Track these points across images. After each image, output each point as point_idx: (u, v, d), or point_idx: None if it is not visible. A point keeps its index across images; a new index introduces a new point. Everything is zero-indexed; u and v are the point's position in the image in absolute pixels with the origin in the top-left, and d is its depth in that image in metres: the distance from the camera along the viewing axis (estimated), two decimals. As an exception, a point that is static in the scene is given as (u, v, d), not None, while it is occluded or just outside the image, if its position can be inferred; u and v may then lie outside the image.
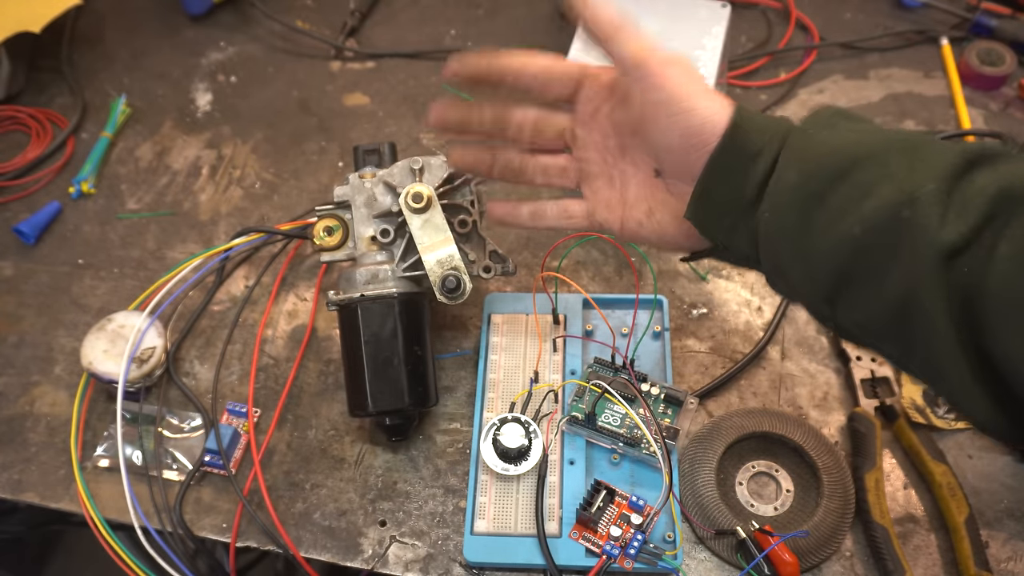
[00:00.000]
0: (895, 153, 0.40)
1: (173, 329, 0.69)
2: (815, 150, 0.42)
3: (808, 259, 0.42)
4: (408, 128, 0.82)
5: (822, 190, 0.41)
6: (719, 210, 0.45)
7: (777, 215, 0.42)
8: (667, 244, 0.51)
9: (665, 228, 0.50)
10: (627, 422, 0.58)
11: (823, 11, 0.89)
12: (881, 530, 0.55)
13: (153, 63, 0.90)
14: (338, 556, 0.57)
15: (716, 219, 0.45)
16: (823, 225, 0.41)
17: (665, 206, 0.49)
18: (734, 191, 0.44)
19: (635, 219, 0.51)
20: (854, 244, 0.40)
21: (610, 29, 0.46)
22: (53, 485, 0.62)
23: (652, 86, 0.45)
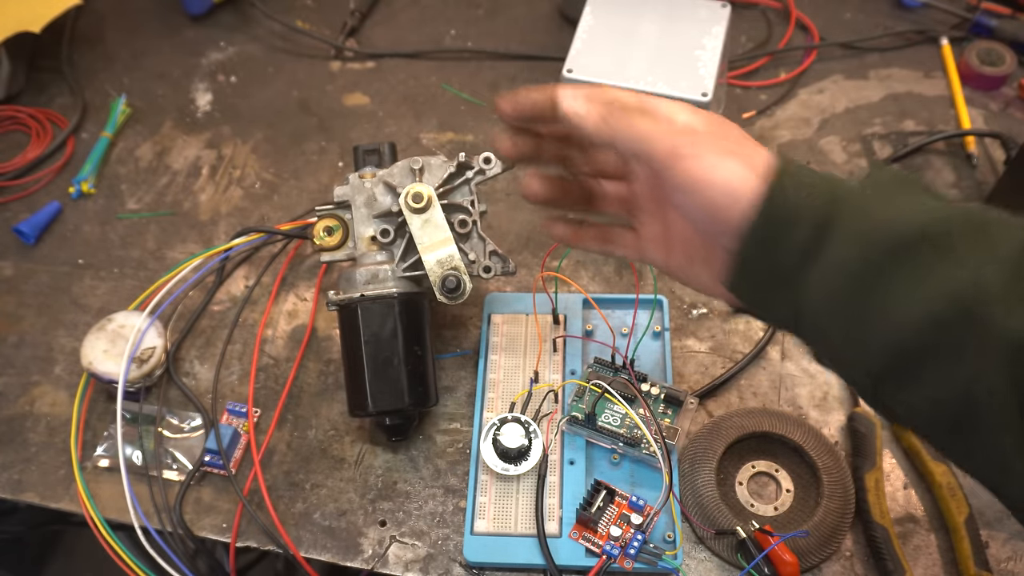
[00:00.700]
0: (959, 232, 0.36)
1: (173, 329, 0.69)
2: (870, 224, 0.38)
3: (856, 342, 0.38)
4: (408, 128, 0.82)
5: (877, 270, 0.37)
6: (756, 279, 0.42)
7: (825, 293, 0.39)
8: (708, 294, 0.49)
9: (703, 281, 0.47)
10: (627, 422, 0.58)
11: (823, 11, 0.89)
12: (881, 530, 0.55)
13: (153, 63, 0.90)
14: (338, 556, 0.57)
15: (753, 288, 0.42)
16: (877, 308, 0.37)
17: (705, 262, 0.47)
18: (773, 262, 0.40)
19: (676, 262, 0.49)
20: (912, 331, 0.36)
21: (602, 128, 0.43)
22: (53, 485, 0.62)
23: (662, 171, 0.42)
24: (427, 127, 0.82)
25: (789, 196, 0.39)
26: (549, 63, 0.85)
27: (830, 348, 0.41)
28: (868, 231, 0.37)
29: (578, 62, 0.68)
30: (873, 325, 0.37)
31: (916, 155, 0.77)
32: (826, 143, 0.78)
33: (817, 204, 0.39)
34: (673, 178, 0.41)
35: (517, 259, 0.71)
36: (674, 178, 0.41)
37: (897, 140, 0.78)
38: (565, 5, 0.90)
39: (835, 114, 0.81)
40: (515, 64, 0.87)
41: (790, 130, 0.80)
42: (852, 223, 0.38)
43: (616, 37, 0.70)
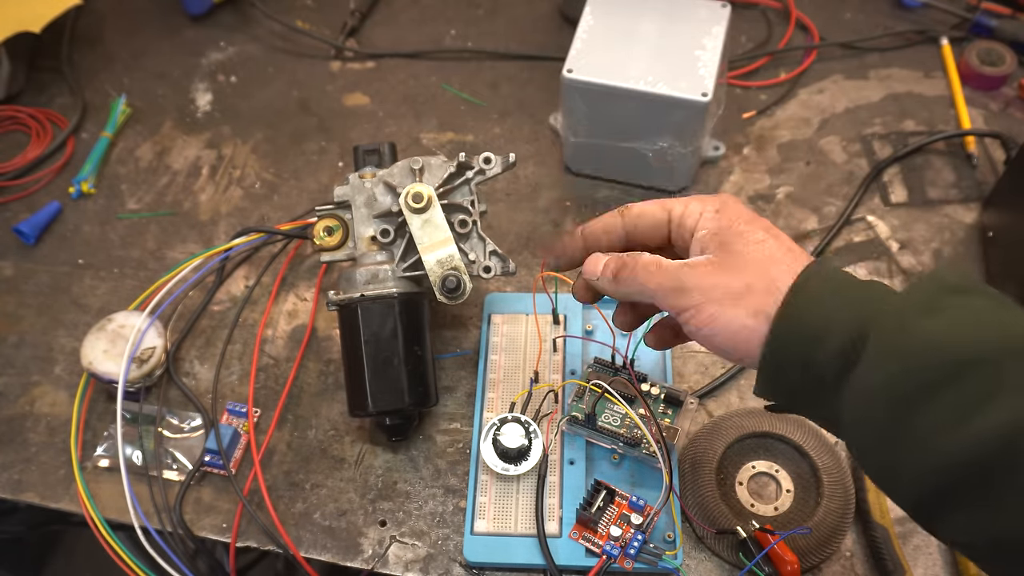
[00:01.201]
0: (1011, 357, 0.33)
1: (173, 329, 0.69)
2: (911, 344, 0.35)
3: (901, 471, 0.36)
4: (408, 128, 0.82)
5: (919, 396, 0.34)
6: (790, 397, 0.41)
7: (861, 410, 0.37)
8: None
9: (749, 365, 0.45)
10: (627, 422, 0.58)
11: (823, 11, 0.89)
12: (881, 530, 0.55)
13: (153, 63, 0.90)
14: (338, 556, 0.57)
15: (790, 402, 0.42)
16: (920, 436, 0.35)
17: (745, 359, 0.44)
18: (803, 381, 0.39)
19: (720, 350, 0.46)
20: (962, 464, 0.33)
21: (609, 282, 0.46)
22: (53, 485, 0.62)
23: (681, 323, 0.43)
24: (427, 127, 0.82)
25: (813, 310, 0.39)
26: (549, 63, 0.85)
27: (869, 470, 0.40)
28: (909, 352, 0.35)
29: (578, 62, 0.68)
30: (913, 453, 0.35)
31: (916, 155, 0.77)
32: (826, 143, 0.78)
33: (848, 315, 0.38)
34: (683, 327, 0.43)
35: (517, 259, 0.71)
36: (684, 327, 0.43)
37: (897, 140, 0.78)
38: (565, 5, 0.90)
39: (835, 114, 0.81)
40: (515, 64, 0.87)
41: (790, 130, 0.80)
42: (890, 342, 0.36)
43: (616, 37, 0.70)
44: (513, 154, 0.60)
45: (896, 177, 0.76)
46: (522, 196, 0.76)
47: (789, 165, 0.77)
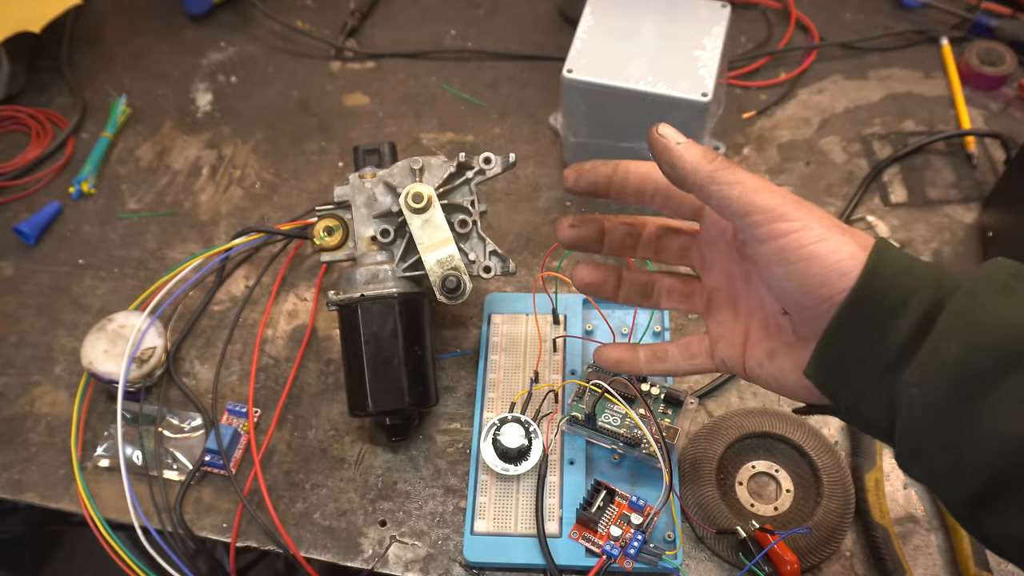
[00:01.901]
0: None
1: (173, 329, 0.69)
2: (986, 321, 0.34)
3: (960, 452, 0.34)
4: (408, 128, 0.82)
5: (992, 374, 0.33)
6: (848, 372, 0.38)
7: (927, 394, 0.35)
8: (786, 391, 0.43)
9: (785, 375, 0.42)
10: (627, 422, 0.58)
11: (823, 11, 0.89)
12: (881, 530, 0.55)
13: (153, 63, 0.90)
14: (338, 556, 0.57)
15: (843, 381, 0.38)
16: (988, 415, 0.33)
17: (789, 350, 0.41)
18: (869, 351, 0.36)
19: (755, 358, 0.43)
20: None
21: (704, 175, 0.39)
22: (53, 485, 0.62)
23: (763, 235, 0.38)
24: (427, 127, 0.82)
25: (892, 279, 0.36)
26: (549, 63, 0.85)
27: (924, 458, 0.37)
28: (983, 329, 0.34)
29: (578, 62, 0.68)
30: (979, 433, 0.33)
31: (916, 155, 0.77)
32: (826, 143, 0.78)
33: (925, 290, 0.35)
34: (773, 247, 0.38)
35: (517, 259, 0.71)
36: (774, 247, 0.38)
37: (897, 140, 0.78)
38: (565, 5, 0.90)
39: (835, 114, 0.81)
40: (515, 64, 0.87)
41: (790, 130, 0.80)
42: (964, 319, 0.34)
43: (616, 37, 0.70)
44: (513, 154, 0.60)
45: (896, 177, 0.76)
46: (522, 196, 0.76)
47: (789, 165, 0.77)
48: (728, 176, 0.38)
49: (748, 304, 0.45)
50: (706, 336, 0.47)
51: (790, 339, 0.42)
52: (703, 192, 0.39)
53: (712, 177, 0.39)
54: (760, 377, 0.44)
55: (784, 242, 0.37)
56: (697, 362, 0.47)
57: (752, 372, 0.44)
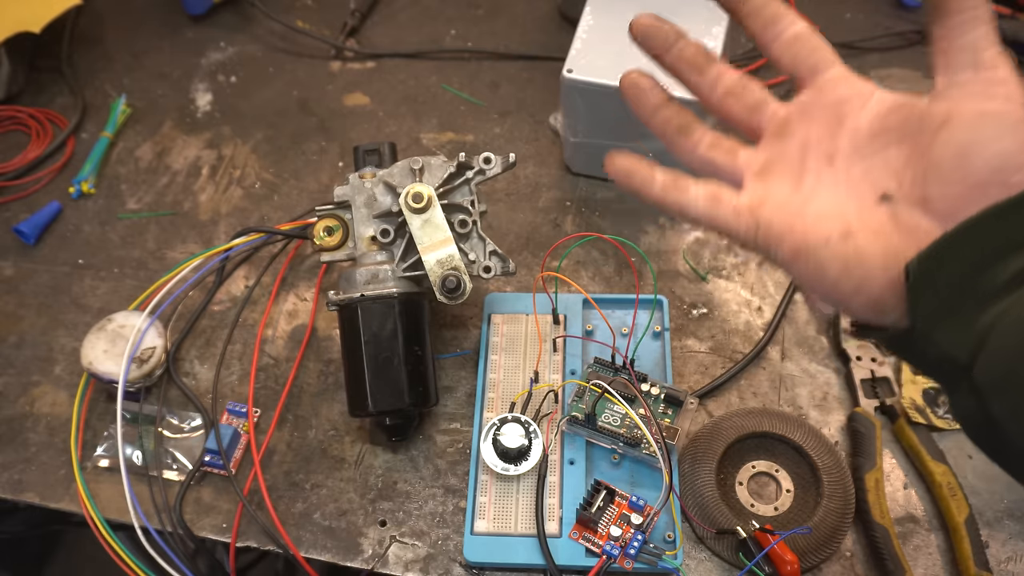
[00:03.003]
0: None
1: (173, 329, 0.69)
2: None
3: None
4: (408, 128, 0.82)
5: None
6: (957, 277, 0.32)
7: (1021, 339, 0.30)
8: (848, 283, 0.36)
9: (862, 261, 0.35)
10: (627, 422, 0.58)
11: (823, 11, 0.89)
12: (881, 530, 0.55)
13: (153, 63, 0.90)
14: (338, 556, 0.57)
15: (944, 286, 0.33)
16: None
17: (878, 235, 0.36)
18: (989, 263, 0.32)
19: (820, 233, 0.37)
20: None
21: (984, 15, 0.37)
22: (53, 485, 0.62)
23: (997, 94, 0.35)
24: (427, 127, 0.82)
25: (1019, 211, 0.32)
26: (549, 63, 0.85)
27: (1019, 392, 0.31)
28: None
29: (578, 62, 0.68)
30: None
31: (916, 155, 0.77)
32: (826, 143, 0.78)
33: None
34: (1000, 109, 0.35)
35: (517, 259, 0.71)
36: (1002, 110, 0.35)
37: (897, 140, 0.78)
38: (565, 5, 0.90)
39: (835, 114, 0.80)
40: (515, 64, 0.87)
41: (790, 130, 0.79)
42: None
43: (616, 37, 0.70)
44: (513, 154, 0.60)
45: (896, 177, 0.75)
46: (522, 196, 0.76)
47: (789, 165, 0.77)
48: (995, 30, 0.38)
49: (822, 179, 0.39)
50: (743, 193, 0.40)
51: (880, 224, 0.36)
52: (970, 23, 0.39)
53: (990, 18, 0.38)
54: (816, 256, 0.37)
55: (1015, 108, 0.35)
56: (721, 212, 0.40)
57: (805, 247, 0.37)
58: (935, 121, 0.36)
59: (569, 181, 0.77)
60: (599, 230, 0.72)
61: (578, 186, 0.76)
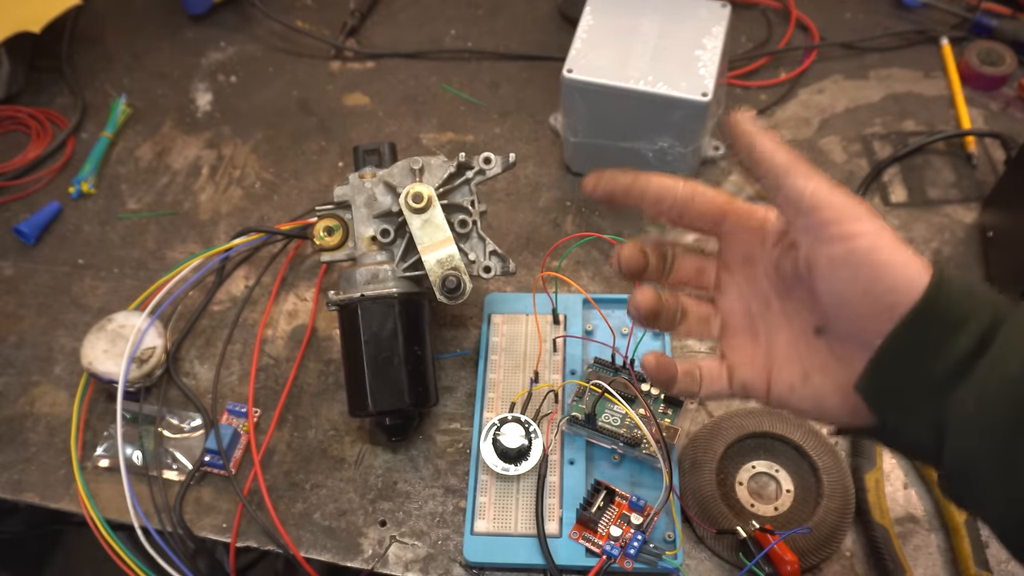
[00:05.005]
0: None
1: (173, 329, 0.69)
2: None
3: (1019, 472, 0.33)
4: (408, 128, 0.82)
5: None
6: (900, 388, 0.36)
7: (984, 410, 0.34)
8: (825, 415, 0.41)
9: (824, 397, 0.40)
10: (627, 422, 0.58)
11: (823, 11, 0.89)
12: (881, 530, 0.55)
13: (153, 63, 0.90)
14: (338, 556, 0.57)
15: (895, 397, 0.37)
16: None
17: (826, 371, 0.40)
18: (923, 367, 0.35)
19: (785, 382, 0.42)
20: None
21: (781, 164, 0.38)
22: (53, 485, 0.62)
23: (833, 235, 0.36)
24: (427, 127, 0.82)
25: (954, 297, 0.35)
26: (549, 63, 0.85)
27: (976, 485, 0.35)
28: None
29: (578, 62, 0.68)
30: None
31: (916, 155, 0.77)
32: (826, 143, 0.78)
33: (985, 311, 0.35)
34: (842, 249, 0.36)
35: (517, 259, 0.71)
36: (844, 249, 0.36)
37: (897, 140, 0.78)
38: (565, 5, 0.90)
39: (835, 114, 0.81)
40: (515, 64, 0.87)
41: (790, 130, 0.80)
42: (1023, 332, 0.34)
43: (616, 37, 0.70)
44: (513, 154, 0.60)
45: (896, 177, 0.76)
46: (522, 196, 0.76)
47: (789, 165, 0.77)
48: (805, 169, 0.38)
49: (769, 326, 0.43)
50: (723, 361, 0.45)
51: (825, 360, 0.40)
52: (776, 181, 0.38)
53: (789, 167, 0.38)
54: (790, 402, 0.42)
55: (855, 245, 0.36)
56: (718, 387, 0.45)
57: (780, 397, 0.42)
58: (804, 269, 0.39)
59: (569, 181, 0.77)
60: (599, 230, 0.72)
61: (578, 186, 0.76)
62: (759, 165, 0.39)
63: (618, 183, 0.44)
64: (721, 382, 0.44)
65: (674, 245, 0.47)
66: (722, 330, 0.45)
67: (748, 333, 0.44)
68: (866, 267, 0.36)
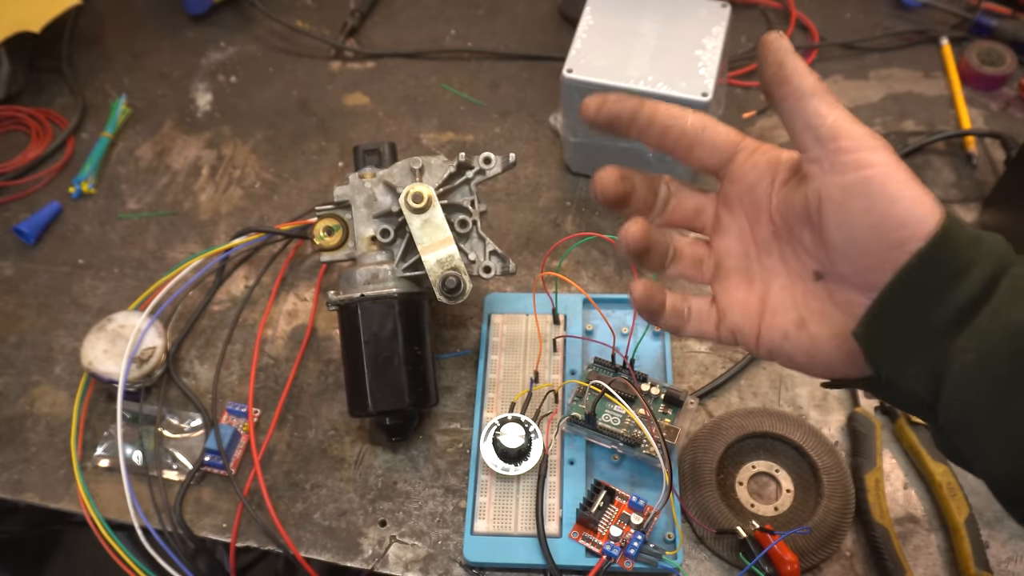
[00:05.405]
0: None
1: (173, 329, 0.69)
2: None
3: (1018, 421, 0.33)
4: (408, 128, 0.82)
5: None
6: (899, 334, 0.35)
7: (985, 359, 0.33)
8: (817, 365, 0.40)
9: (819, 345, 0.39)
10: (627, 422, 0.58)
11: (823, 11, 0.89)
12: (881, 530, 0.55)
13: (153, 63, 0.90)
14: (338, 556, 0.57)
15: (892, 344, 0.36)
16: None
17: (824, 318, 0.39)
18: (925, 313, 0.34)
19: (779, 329, 0.40)
20: None
21: (808, 87, 0.37)
22: (53, 485, 0.62)
23: (849, 164, 0.35)
24: (427, 127, 0.82)
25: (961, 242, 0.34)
26: (549, 63, 0.85)
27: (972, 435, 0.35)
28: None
29: (578, 62, 0.68)
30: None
31: (916, 155, 0.77)
32: (826, 143, 0.78)
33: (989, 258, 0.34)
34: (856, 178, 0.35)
35: (517, 259, 0.71)
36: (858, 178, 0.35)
37: (897, 140, 0.78)
38: (565, 5, 0.90)
39: (835, 114, 0.80)
40: (515, 64, 0.87)
41: (790, 130, 0.79)
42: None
43: (616, 37, 0.70)
44: (513, 154, 0.60)
45: (896, 177, 0.75)
46: (522, 196, 0.76)
47: (789, 165, 0.77)
48: (829, 96, 0.36)
49: (765, 270, 0.42)
50: (713, 304, 0.43)
51: (822, 306, 0.39)
52: (799, 103, 0.37)
53: (816, 90, 0.36)
54: (783, 350, 0.40)
55: (871, 174, 0.35)
56: (704, 327, 0.43)
57: (772, 345, 0.41)
58: (814, 204, 0.38)
59: (569, 181, 0.77)
60: (599, 230, 0.72)
61: (578, 186, 0.76)
62: (785, 84, 0.37)
63: (624, 106, 0.41)
64: (709, 323, 0.43)
65: (670, 181, 0.45)
66: (715, 272, 0.44)
67: (743, 276, 0.43)
68: (880, 197, 0.35)
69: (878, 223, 0.35)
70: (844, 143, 0.36)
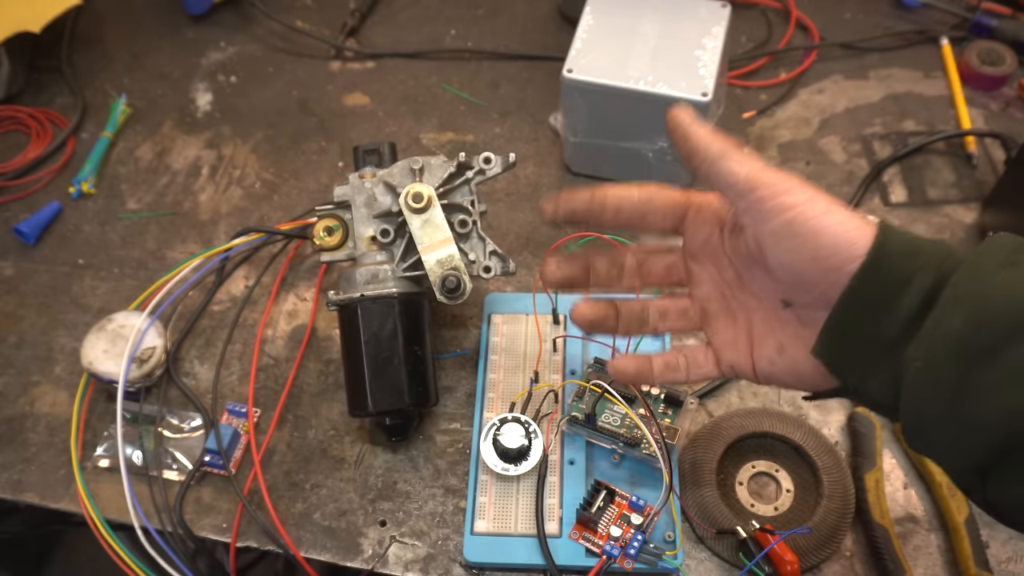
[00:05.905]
0: None
1: (173, 329, 0.69)
2: (990, 294, 0.34)
3: (964, 423, 0.35)
4: (408, 128, 0.82)
5: (995, 345, 0.33)
6: (854, 348, 0.38)
7: (931, 366, 0.35)
8: (803, 383, 0.43)
9: (799, 365, 0.42)
10: (627, 422, 0.58)
11: (823, 11, 0.89)
12: (881, 530, 0.55)
13: (153, 63, 0.90)
14: (338, 556, 0.57)
15: (849, 358, 0.39)
16: (990, 387, 0.34)
17: (798, 340, 0.42)
18: (874, 326, 0.37)
19: (766, 357, 0.44)
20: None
21: (716, 151, 0.40)
22: (53, 485, 0.62)
23: (770, 210, 0.39)
24: (427, 127, 0.82)
25: (897, 256, 0.36)
26: (549, 63, 0.85)
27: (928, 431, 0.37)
28: (987, 303, 0.34)
29: (578, 62, 0.68)
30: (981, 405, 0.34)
31: (916, 155, 0.77)
32: (826, 143, 0.78)
33: (929, 267, 0.36)
34: (780, 221, 0.38)
35: (517, 259, 0.71)
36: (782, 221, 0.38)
37: (897, 140, 0.78)
38: (565, 5, 0.90)
39: (835, 114, 0.81)
40: (515, 64, 0.87)
41: (790, 130, 0.80)
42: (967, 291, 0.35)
43: (616, 37, 0.70)
44: (513, 154, 0.60)
45: (896, 177, 0.76)
46: (522, 196, 0.76)
47: (789, 165, 0.77)
48: (737, 154, 0.40)
49: (743, 306, 0.45)
50: (709, 347, 0.47)
51: (796, 329, 0.42)
52: (712, 167, 0.40)
53: (723, 153, 0.40)
54: (774, 375, 0.44)
55: (792, 215, 0.38)
56: (705, 371, 0.47)
57: (764, 372, 0.44)
58: (755, 248, 0.42)
59: (569, 181, 0.77)
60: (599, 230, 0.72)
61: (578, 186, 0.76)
62: (695, 154, 0.41)
63: (577, 200, 0.46)
64: (709, 365, 0.47)
65: (636, 251, 0.49)
66: (703, 317, 0.47)
67: (727, 316, 0.46)
68: (806, 234, 0.38)
69: (813, 255, 0.38)
70: (761, 192, 0.39)
